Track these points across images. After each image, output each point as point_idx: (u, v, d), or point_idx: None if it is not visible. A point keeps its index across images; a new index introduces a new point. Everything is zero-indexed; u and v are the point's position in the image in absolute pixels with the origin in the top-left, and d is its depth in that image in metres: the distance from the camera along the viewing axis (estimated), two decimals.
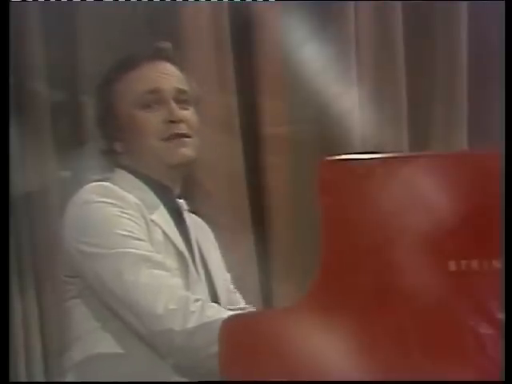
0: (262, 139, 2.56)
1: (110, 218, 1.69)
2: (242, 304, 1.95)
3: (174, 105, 1.81)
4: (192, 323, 1.56)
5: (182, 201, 1.87)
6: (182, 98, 1.84)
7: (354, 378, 1.34)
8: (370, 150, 1.41)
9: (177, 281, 1.66)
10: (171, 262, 1.72)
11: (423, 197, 1.36)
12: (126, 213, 1.70)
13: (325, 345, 1.36)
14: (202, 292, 1.76)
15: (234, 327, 1.44)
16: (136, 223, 1.70)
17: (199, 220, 1.98)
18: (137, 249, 1.66)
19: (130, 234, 1.67)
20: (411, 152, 2.62)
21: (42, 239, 2.27)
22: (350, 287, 1.36)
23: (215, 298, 1.81)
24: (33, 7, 2.27)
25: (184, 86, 1.86)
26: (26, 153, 2.28)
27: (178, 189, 1.87)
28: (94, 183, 1.77)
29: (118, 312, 1.66)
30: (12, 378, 2.08)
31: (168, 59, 1.88)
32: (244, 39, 2.54)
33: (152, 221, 1.74)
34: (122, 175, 1.83)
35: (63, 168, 2.33)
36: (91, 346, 1.71)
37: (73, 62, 2.36)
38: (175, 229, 1.80)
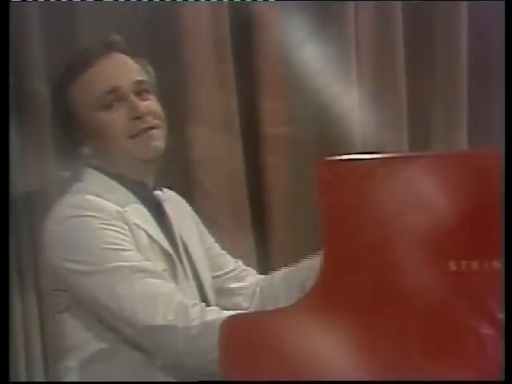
0: (261, 139, 2.56)
1: (93, 233, 1.66)
2: (232, 264, 1.95)
3: (135, 100, 1.77)
4: (193, 329, 1.56)
5: (158, 192, 1.83)
6: (141, 89, 1.79)
7: (354, 378, 1.34)
8: (370, 150, 1.41)
9: (171, 286, 1.65)
10: (160, 263, 1.71)
11: (423, 197, 1.36)
12: (108, 224, 1.67)
13: (325, 345, 1.36)
14: (190, 287, 1.76)
15: (233, 327, 1.44)
16: (120, 233, 1.68)
17: (176, 197, 1.95)
18: (126, 261, 1.64)
19: (117, 246, 1.66)
20: (411, 152, 2.62)
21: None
22: (350, 287, 1.36)
23: (202, 292, 1.81)
24: (33, 7, 2.26)
25: (142, 77, 1.82)
26: (26, 153, 2.27)
27: (152, 181, 1.83)
28: (69, 196, 1.75)
29: (114, 326, 1.65)
30: (12, 378, 2.08)
31: (120, 51, 1.82)
32: (244, 39, 2.54)
33: (135, 224, 1.72)
34: (95, 176, 1.80)
35: (63, 168, 2.33)
36: (86, 355, 1.71)
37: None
38: (157, 227, 1.77)
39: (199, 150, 2.44)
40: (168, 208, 1.84)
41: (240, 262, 1.99)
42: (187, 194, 1.94)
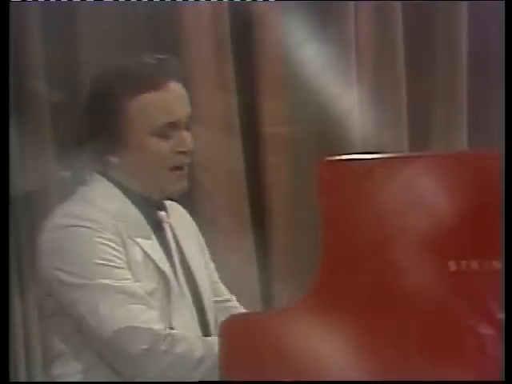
0: (261, 139, 2.56)
1: (87, 245, 1.66)
2: (227, 295, 1.94)
3: (185, 134, 1.76)
4: (164, 362, 1.59)
5: (163, 213, 1.81)
6: (188, 123, 1.79)
7: (353, 377, 1.34)
8: (370, 150, 1.41)
9: (151, 314, 1.65)
10: (149, 283, 1.70)
11: (423, 197, 1.36)
12: (101, 237, 1.66)
13: (324, 345, 1.36)
14: (184, 307, 1.75)
15: (233, 327, 1.44)
16: (112, 248, 1.67)
17: (181, 212, 1.93)
18: (114, 279, 1.64)
19: (108, 262, 1.65)
20: (411, 152, 2.62)
21: None
22: (350, 287, 1.36)
23: (201, 309, 1.80)
24: (33, 7, 2.26)
25: (190, 109, 1.80)
26: (26, 153, 2.27)
27: (161, 200, 1.82)
28: (66, 206, 1.74)
29: (92, 341, 1.66)
30: (12, 378, 2.08)
31: (177, 78, 1.79)
32: (244, 39, 2.54)
33: (130, 239, 1.71)
34: (101, 183, 1.78)
35: (63, 168, 2.33)
36: (69, 366, 1.71)
37: (73, 62, 2.36)
38: (157, 244, 1.76)
39: (199, 149, 2.44)
40: (170, 226, 1.83)
41: (234, 297, 1.97)
42: (187, 193, 1.94)
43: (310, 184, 1.39)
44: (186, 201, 2.01)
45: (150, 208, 1.79)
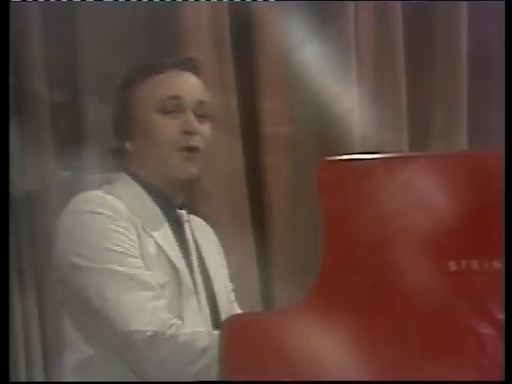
0: (261, 139, 2.56)
1: (101, 231, 1.68)
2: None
3: (191, 115, 1.80)
4: (166, 349, 1.59)
5: (182, 211, 1.85)
6: (201, 111, 1.82)
7: (353, 378, 1.34)
8: (370, 150, 1.41)
9: (157, 303, 1.65)
10: (162, 275, 1.71)
11: (423, 197, 1.36)
12: (118, 225, 1.68)
13: (325, 345, 1.36)
14: (196, 303, 1.75)
15: (233, 327, 1.44)
16: (127, 237, 1.68)
17: (204, 225, 1.97)
18: (124, 266, 1.65)
19: (120, 249, 1.66)
20: (411, 152, 2.62)
21: (41, 239, 2.27)
22: (350, 287, 1.36)
23: (214, 308, 1.81)
24: (33, 7, 2.26)
25: (205, 99, 1.85)
26: (26, 153, 2.27)
27: (180, 199, 1.85)
28: (88, 192, 1.76)
29: (98, 327, 1.66)
30: (12, 378, 2.08)
31: (193, 70, 1.86)
32: (244, 39, 2.54)
33: (145, 231, 1.73)
34: (125, 180, 1.81)
35: (63, 168, 2.33)
36: (79, 356, 1.72)
37: (73, 61, 2.36)
38: (173, 240, 1.78)
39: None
40: (189, 227, 1.86)
41: None
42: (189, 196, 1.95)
43: (310, 184, 1.39)
44: (188, 209, 2.02)
45: (170, 206, 1.82)
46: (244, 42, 2.54)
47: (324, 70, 2.55)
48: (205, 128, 1.83)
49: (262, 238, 2.53)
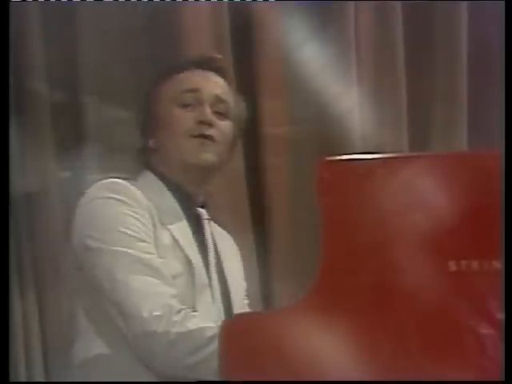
0: (261, 139, 2.56)
1: (116, 215, 1.70)
2: None
3: (207, 108, 1.84)
4: (173, 333, 1.57)
5: (203, 210, 1.88)
6: (220, 107, 1.86)
7: (353, 378, 1.34)
8: (370, 150, 1.41)
9: (166, 290, 1.65)
10: (175, 266, 1.72)
11: (423, 197, 1.36)
12: (133, 211, 1.71)
13: (325, 345, 1.36)
14: (209, 298, 1.76)
15: (233, 327, 1.45)
16: (141, 223, 1.71)
17: (222, 231, 1.99)
18: (135, 250, 1.66)
19: (133, 233, 1.68)
20: (411, 152, 2.62)
21: (41, 239, 2.27)
22: (350, 287, 1.36)
23: (228, 306, 1.82)
24: (33, 7, 2.26)
25: (225, 97, 1.89)
26: (26, 153, 2.27)
27: (200, 197, 1.88)
28: (107, 180, 1.79)
29: (108, 311, 1.66)
30: (12, 378, 2.08)
31: (217, 70, 1.91)
32: (244, 39, 2.54)
33: (162, 224, 1.75)
34: (149, 177, 1.85)
35: (63, 168, 2.33)
36: (89, 346, 1.72)
37: (73, 61, 2.36)
38: (189, 234, 1.80)
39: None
40: (208, 226, 1.88)
41: None
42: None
43: (310, 184, 1.39)
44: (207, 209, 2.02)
45: (190, 203, 1.85)
46: (244, 41, 2.54)
47: (324, 70, 2.55)
48: (223, 124, 1.86)
49: (262, 237, 2.53)
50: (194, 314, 1.63)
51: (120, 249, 1.66)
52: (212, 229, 1.90)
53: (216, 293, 1.79)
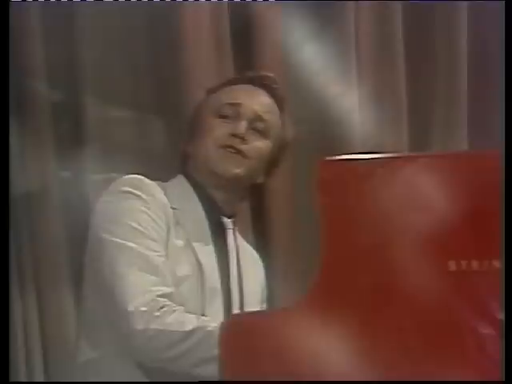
0: None
1: (129, 209, 1.72)
2: None
3: (244, 123, 1.85)
4: (152, 329, 1.59)
5: (228, 220, 1.89)
6: (258, 126, 1.87)
7: (354, 378, 1.34)
8: (370, 150, 1.41)
9: (160, 288, 1.66)
10: (184, 268, 1.73)
11: (423, 197, 1.36)
12: (148, 208, 1.73)
13: (325, 345, 1.36)
14: (219, 302, 1.77)
15: (233, 327, 1.45)
16: (154, 221, 1.72)
17: (247, 245, 2.01)
18: (140, 245, 1.68)
19: (142, 229, 1.70)
20: (411, 152, 2.62)
21: (41, 239, 2.27)
22: (350, 287, 1.36)
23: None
24: (33, 7, 2.26)
25: (266, 116, 1.89)
26: (26, 153, 2.27)
27: (229, 207, 1.89)
28: (131, 175, 1.81)
29: (105, 298, 1.68)
30: (12, 378, 2.08)
31: (267, 89, 1.92)
32: (244, 39, 2.54)
33: (179, 224, 1.76)
34: (180, 179, 1.88)
35: (63, 168, 2.33)
36: (97, 343, 1.73)
37: (73, 61, 2.35)
38: (208, 240, 1.82)
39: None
40: (233, 236, 1.89)
41: None
42: None
43: (310, 184, 1.39)
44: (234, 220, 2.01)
45: (216, 211, 1.86)
46: (244, 41, 2.54)
47: (324, 70, 2.55)
48: (258, 143, 1.87)
49: (262, 237, 2.53)
50: (175, 309, 1.64)
51: (125, 242, 1.68)
52: (237, 240, 1.91)
53: (233, 298, 1.81)
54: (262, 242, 2.53)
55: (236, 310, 1.81)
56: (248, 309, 1.84)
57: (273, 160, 1.93)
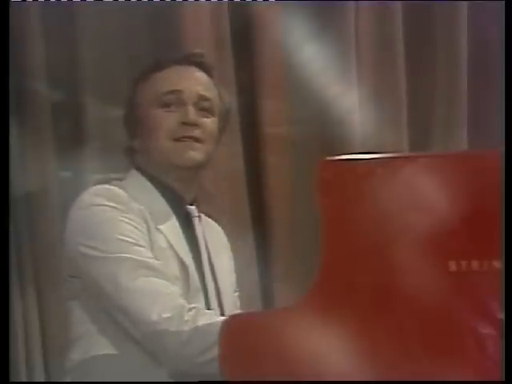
0: (262, 139, 2.56)
1: (110, 222, 1.69)
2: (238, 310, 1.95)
3: (191, 108, 1.80)
4: (185, 332, 1.56)
5: (192, 207, 1.85)
6: (203, 105, 1.83)
7: (353, 378, 1.34)
8: (369, 150, 1.41)
9: (174, 289, 1.65)
10: (172, 269, 1.72)
11: (423, 197, 1.36)
12: (127, 217, 1.70)
13: (325, 345, 1.36)
14: (201, 300, 1.75)
15: (234, 327, 1.45)
16: (137, 229, 1.70)
17: (213, 223, 1.98)
18: (135, 254, 1.66)
19: (130, 239, 1.67)
20: (411, 152, 2.62)
21: (41, 239, 2.27)
22: (349, 287, 1.36)
23: (220, 303, 1.81)
24: (33, 7, 2.26)
25: (208, 94, 1.85)
26: (26, 153, 2.27)
27: (190, 194, 1.85)
28: (99, 186, 1.77)
29: (114, 316, 1.66)
30: (12, 378, 2.08)
31: (198, 65, 1.87)
32: (244, 39, 2.54)
33: (156, 228, 1.74)
34: (136, 177, 1.83)
35: (63, 168, 2.33)
36: (89, 349, 1.71)
37: (73, 62, 2.36)
38: (182, 236, 1.79)
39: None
40: (199, 223, 1.86)
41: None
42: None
43: (310, 184, 1.39)
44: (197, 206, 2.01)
45: (179, 201, 1.83)
46: (244, 41, 2.54)
47: (324, 70, 2.55)
48: (207, 121, 1.83)
49: (262, 237, 2.53)
50: (203, 312, 1.63)
51: (121, 255, 1.65)
52: (203, 225, 1.88)
53: (212, 295, 1.78)
54: (262, 242, 2.53)
55: (214, 302, 1.78)
56: (224, 298, 1.82)
57: (219, 135, 1.88)
